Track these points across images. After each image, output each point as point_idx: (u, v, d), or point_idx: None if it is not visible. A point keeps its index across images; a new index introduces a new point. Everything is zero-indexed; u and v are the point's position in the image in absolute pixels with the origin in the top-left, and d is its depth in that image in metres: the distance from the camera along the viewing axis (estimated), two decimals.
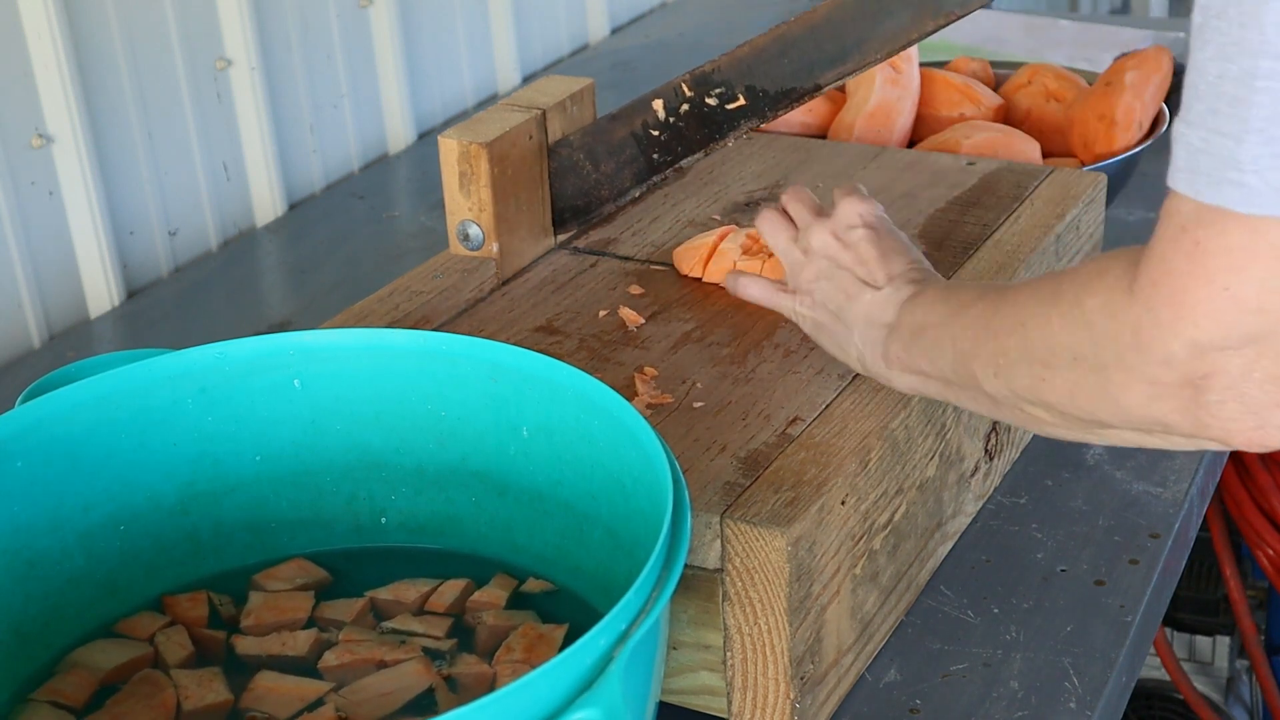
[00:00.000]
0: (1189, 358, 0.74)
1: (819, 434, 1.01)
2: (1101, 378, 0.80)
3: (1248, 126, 0.69)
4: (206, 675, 0.92)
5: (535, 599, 0.97)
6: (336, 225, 1.79)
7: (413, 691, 0.90)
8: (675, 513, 0.82)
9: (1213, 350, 0.74)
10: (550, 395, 0.95)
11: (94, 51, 1.58)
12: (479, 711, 0.70)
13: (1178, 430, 0.78)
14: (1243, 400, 0.74)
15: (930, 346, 0.95)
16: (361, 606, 0.97)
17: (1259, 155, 0.69)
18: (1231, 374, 0.74)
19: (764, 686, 0.97)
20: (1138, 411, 0.79)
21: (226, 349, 0.99)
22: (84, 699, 0.91)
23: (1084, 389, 0.82)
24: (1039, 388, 0.85)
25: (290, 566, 1.01)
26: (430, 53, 2.06)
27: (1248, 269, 0.71)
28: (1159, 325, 0.75)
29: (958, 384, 0.93)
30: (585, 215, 1.29)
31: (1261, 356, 0.73)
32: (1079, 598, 1.12)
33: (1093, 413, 0.82)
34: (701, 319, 1.17)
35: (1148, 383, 0.77)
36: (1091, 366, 0.80)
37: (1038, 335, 0.84)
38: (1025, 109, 1.62)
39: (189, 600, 0.98)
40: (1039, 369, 0.85)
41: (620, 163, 1.27)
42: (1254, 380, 0.74)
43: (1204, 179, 0.71)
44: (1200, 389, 0.75)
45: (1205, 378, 0.75)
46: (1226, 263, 0.72)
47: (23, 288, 1.55)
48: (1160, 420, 0.78)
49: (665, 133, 1.24)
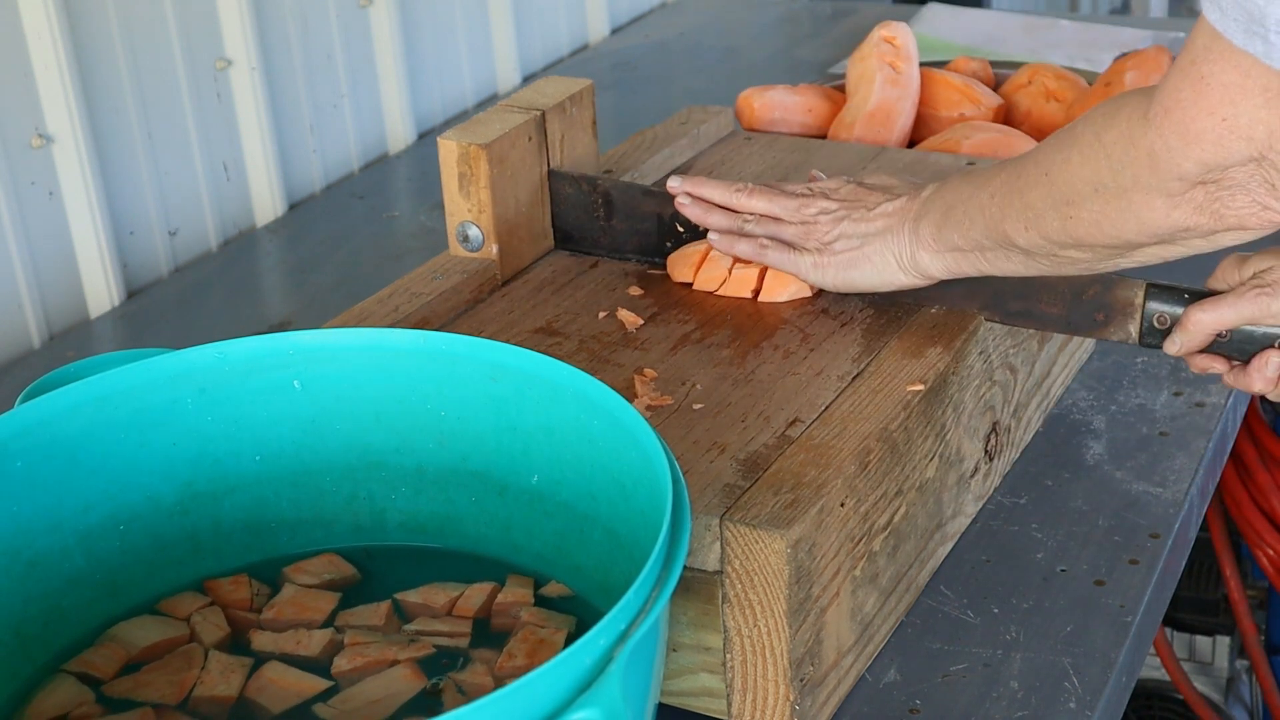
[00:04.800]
0: (1199, 173, 0.86)
1: (818, 435, 1.01)
2: (1124, 201, 0.91)
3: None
4: (234, 664, 0.93)
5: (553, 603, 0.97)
6: (336, 225, 1.79)
7: (402, 697, 0.90)
8: (675, 513, 0.82)
9: (1217, 167, 0.86)
10: (550, 396, 0.95)
11: (94, 51, 1.58)
12: (479, 712, 0.70)
13: (1198, 230, 0.90)
14: (1249, 194, 0.86)
15: (961, 219, 1.05)
16: (386, 610, 0.97)
17: None
18: (1236, 179, 0.86)
19: (764, 688, 0.97)
20: (1160, 223, 0.90)
21: (226, 349, 0.99)
22: (113, 672, 0.92)
23: (1109, 214, 0.93)
24: (1068, 226, 0.95)
25: (320, 561, 1.01)
26: (430, 53, 2.06)
27: (1239, 103, 0.83)
28: (1170, 149, 0.87)
29: (991, 249, 1.03)
30: (575, 247, 1.30)
31: (1259, 170, 0.85)
32: (1079, 598, 1.12)
33: (1119, 235, 0.93)
34: (701, 320, 1.17)
35: (1165, 196, 0.89)
36: (1113, 193, 0.91)
37: (1061, 178, 0.95)
38: (1025, 109, 1.62)
39: (231, 583, 0.99)
40: (1065, 209, 0.95)
41: (631, 231, 1.27)
42: (1255, 183, 0.86)
43: (1234, 24, 0.80)
44: (1211, 190, 0.87)
45: (1215, 182, 0.87)
46: (1223, 97, 0.83)
47: (23, 288, 1.55)
48: (1181, 225, 0.90)
49: (689, 233, 1.24)
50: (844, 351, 1.11)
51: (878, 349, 1.11)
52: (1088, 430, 1.31)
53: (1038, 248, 1.00)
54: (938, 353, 1.09)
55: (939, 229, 1.07)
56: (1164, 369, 1.39)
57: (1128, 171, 0.90)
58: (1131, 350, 1.41)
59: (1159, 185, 0.89)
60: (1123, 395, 1.36)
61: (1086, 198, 0.93)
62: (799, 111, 1.59)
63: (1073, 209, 0.95)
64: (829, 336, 1.13)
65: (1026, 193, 0.98)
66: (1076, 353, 1.37)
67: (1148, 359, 1.40)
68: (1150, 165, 0.88)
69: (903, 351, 1.10)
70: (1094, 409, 1.34)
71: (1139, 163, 0.89)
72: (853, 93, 1.58)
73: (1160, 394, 1.36)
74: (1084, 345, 1.38)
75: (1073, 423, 1.32)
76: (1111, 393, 1.36)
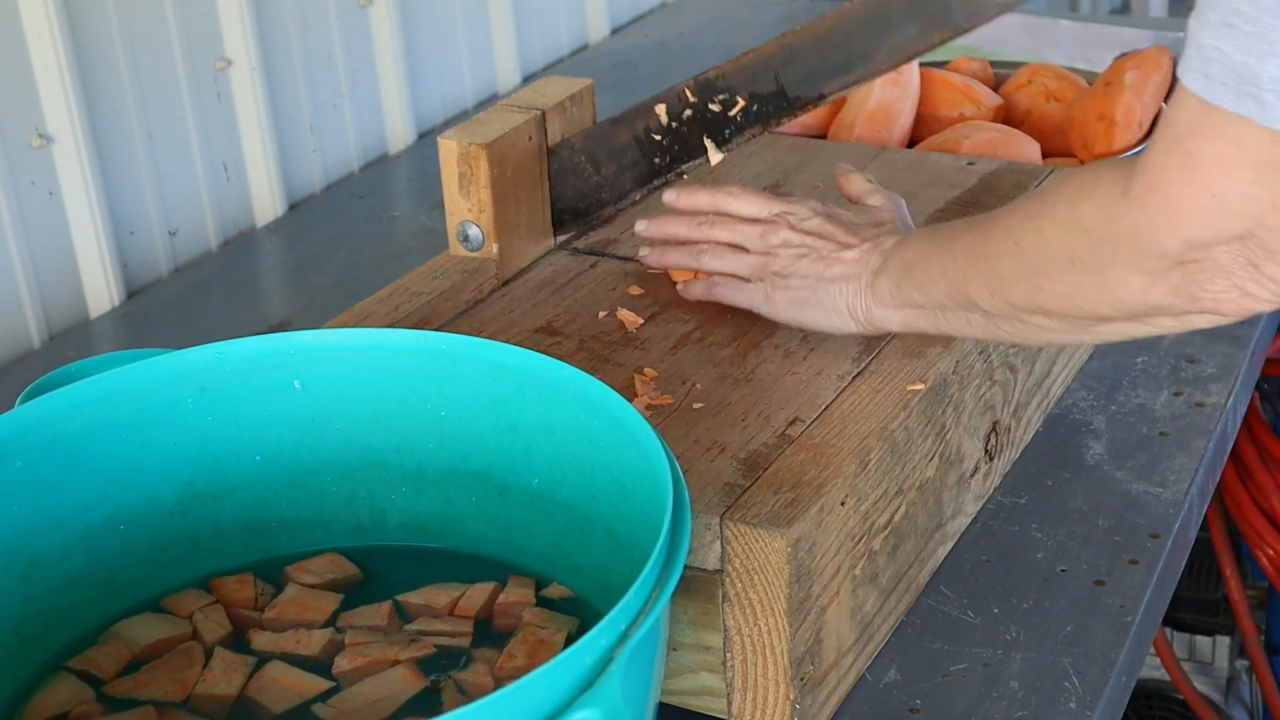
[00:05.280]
0: (1183, 251, 0.83)
1: (819, 435, 1.01)
2: (1100, 277, 0.88)
3: (1272, 48, 0.75)
4: (237, 662, 0.93)
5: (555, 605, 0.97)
6: (336, 225, 1.79)
7: (402, 698, 0.90)
8: (675, 513, 0.82)
9: (1202, 246, 0.82)
10: (550, 395, 0.95)
11: (94, 51, 1.58)
12: (479, 712, 0.70)
13: (1171, 310, 0.87)
14: (1229, 277, 0.83)
15: (922, 279, 1.02)
16: (388, 610, 0.97)
17: (1276, 77, 0.75)
18: (1219, 260, 0.82)
19: (764, 687, 0.97)
20: (1135, 301, 0.87)
21: (226, 349, 0.99)
22: (114, 671, 0.92)
23: (1082, 289, 0.89)
24: (1037, 297, 0.93)
25: (323, 560, 1.01)
26: (430, 53, 2.06)
27: (1232, 178, 0.79)
28: (1155, 228, 0.83)
29: (952, 309, 1.00)
30: (585, 217, 1.29)
31: (1244, 249, 0.81)
32: (1079, 598, 1.12)
33: (1091, 310, 0.90)
34: (701, 320, 1.17)
35: (1144, 274, 0.85)
36: (1090, 268, 0.88)
37: (1033, 249, 0.92)
38: (1025, 109, 1.62)
39: (236, 582, 0.99)
40: (1036, 279, 0.92)
41: (622, 166, 1.27)
42: (1238, 264, 0.82)
43: (1222, 88, 0.77)
44: (1190, 271, 0.83)
45: (1195, 263, 0.83)
46: (1215, 172, 0.79)
47: (23, 288, 1.55)
48: (1156, 305, 0.87)
49: (668, 137, 1.24)
50: (844, 351, 1.11)
51: (878, 348, 1.11)
52: (1088, 430, 1.31)
53: (1002, 312, 0.96)
54: (938, 352, 1.09)
55: (898, 285, 1.04)
56: (1164, 369, 1.39)
57: (1106, 248, 0.86)
58: (1131, 350, 1.42)
59: (1138, 263, 0.85)
60: (1123, 395, 1.36)
61: (1061, 270, 0.90)
62: None
63: (1045, 280, 0.91)
64: (829, 336, 1.13)
65: (995, 260, 0.95)
66: (1077, 353, 1.37)
67: (1148, 359, 1.40)
68: (1131, 243, 0.85)
69: (903, 351, 1.10)
70: (1094, 409, 1.34)
71: (1119, 239, 0.85)
72: (853, 93, 1.58)
73: (1160, 394, 1.36)
74: (1084, 345, 1.39)
75: (1073, 423, 1.32)
76: (1111, 393, 1.36)
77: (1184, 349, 1.41)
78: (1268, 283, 0.82)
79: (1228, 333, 1.43)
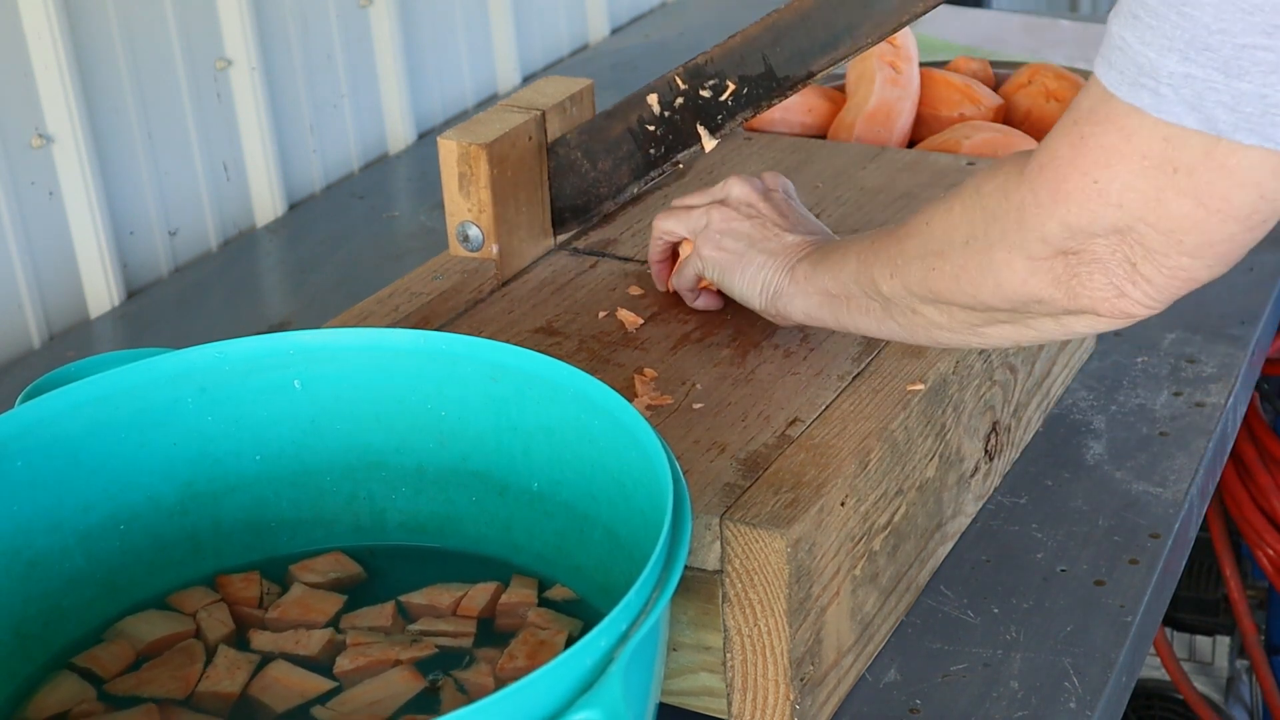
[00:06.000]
0: (1062, 237, 0.82)
1: (818, 435, 1.01)
2: (986, 257, 0.88)
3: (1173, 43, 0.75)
4: (241, 660, 0.93)
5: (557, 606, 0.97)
6: (336, 225, 1.79)
7: (402, 698, 0.90)
8: (675, 513, 0.82)
9: (1081, 233, 0.81)
10: (550, 395, 0.95)
11: (94, 51, 1.58)
12: (479, 712, 0.70)
13: (1052, 305, 0.86)
14: (1107, 274, 0.82)
15: (836, 261, 1.03)
16: (390, 611, 0.97)
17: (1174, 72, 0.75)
18: (1097, 254, 0.82)
19: (764, 688, 0.97)
20: (1017, 288, 0.87)
21: (226, 349, 0.99)
22: (117, 669, 0.93)
23: (969, 270, 0.89)
24: (929, 278, 0.93)
25: (326, 559, 1.01)
26: (430, 53, 2.06)
27: (1114, 167, 0.79)
28: (1039, 205, 0.83)
29: (856, 296, 1.00)
30: (585, 214, 1.30)
31: (1122, 244, 0.81)
32: (1079, 598, 1.12)
33: (975, 294, 0.90)
34: (701, 320, 1.17)
35: (1026, 258, 0.85)
36: (980, 247, 0.88)
37: (940, 227, 0.93)
38: (1025, 109, 1.62)
39: (243, 580, 0.99)
40: (932, 259, 0.92)
41: (618, 159, 1.27)
42: (1116, 260, 0.82)
43: (1119, 76, 0.77)
44: (1070, 263, 0.83)
45: (1075, 254, 0.83)
46: (1100, 159, 0.79)
47: (23, 288, 1.55)
48: (1035, 295, 0.86)
49: (661, 127, 1.24)
50: (844, 351, 1.11)
51: (878, 348, 1.11)
52: (1088, 430, 1.31)
53: (898, 298, 0.96)
54: (938, 352, 1.09)
55: (814, 267, 1.05)
56: (1164, 369, 1.39)
57: (996, 226, 0.87)
58: (1131, 350, 1.42)
59: (1022, 244, 0.85)
60: (1123, 395, 1.36)
61: (956, 248, 0.90)
62: (799, 111, 1.59)
63: (939, 260, 0.92)
64: (829, 336, 1.13)
65: (904, 240, 0.96)
66: (1076, 353, 1.37)
67: (1148, 359, 1.40)
68: (1018, 221, 0.85)
69: (903, 351, 1.10)
70: (1094, 409, 1.34)
71: (1008, 217, 0.86)
72: (852, 92, 1.58)
73: (1160, 394, 1.36)
74: (1084, 345, 1.39)
75: (1073, 423, 1.32)
76: (1111, 393, 1.36)
77: (1184, 349, 1.42)
78: (1144, 284, 0.81)
79: (1228, 333, 1.43)
